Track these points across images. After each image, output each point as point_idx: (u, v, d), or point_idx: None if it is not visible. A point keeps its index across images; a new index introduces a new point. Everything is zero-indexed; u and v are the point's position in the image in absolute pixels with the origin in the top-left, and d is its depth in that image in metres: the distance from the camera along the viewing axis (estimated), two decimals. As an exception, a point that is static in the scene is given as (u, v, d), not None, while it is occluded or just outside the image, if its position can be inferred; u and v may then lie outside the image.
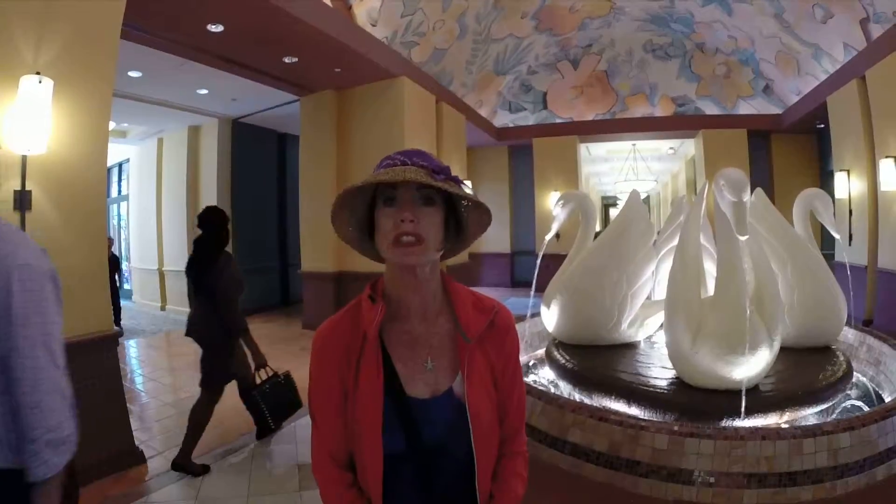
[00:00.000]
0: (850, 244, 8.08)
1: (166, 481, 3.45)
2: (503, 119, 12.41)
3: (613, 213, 27.59)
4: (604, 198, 26.88)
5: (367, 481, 1.09)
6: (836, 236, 4.73)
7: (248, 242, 9.43)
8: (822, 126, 9.31)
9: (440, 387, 1.14)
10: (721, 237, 3.21)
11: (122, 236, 12.44)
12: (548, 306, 4.35)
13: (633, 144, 13.73)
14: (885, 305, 7.16)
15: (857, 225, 7.96)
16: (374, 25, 7.02)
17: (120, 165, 11.82)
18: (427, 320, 1.18)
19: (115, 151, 9.79)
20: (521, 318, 5.13)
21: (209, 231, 3.64)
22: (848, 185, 8.10)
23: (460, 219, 1.18)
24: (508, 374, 1.21)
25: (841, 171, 8.26)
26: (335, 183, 7.88)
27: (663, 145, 14.07)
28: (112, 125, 8.03)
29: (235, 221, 9.23)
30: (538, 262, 4.84)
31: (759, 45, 9.64)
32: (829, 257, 9.00)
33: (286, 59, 6.36)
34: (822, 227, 10.23)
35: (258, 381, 3.88)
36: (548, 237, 4.61)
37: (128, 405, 3.82)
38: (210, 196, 9.20)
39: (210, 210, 3.71)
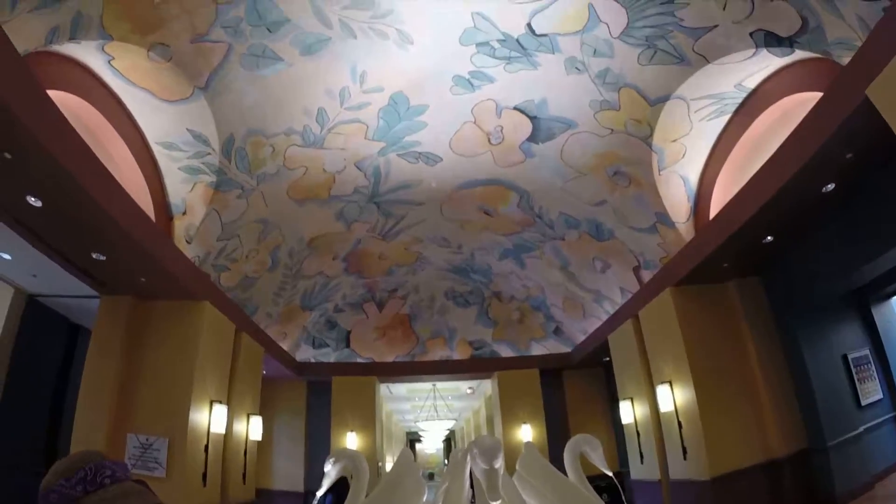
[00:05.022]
0: (641, 462, 8.86)
1: None
2: (306, 353, 12.15)
3: (419, 447, 27.69)
4: (408, 433, 27.28)
5: None
6: (609, 473, 5.03)
7: (10, 438, 7.53)
8: (608, 359, 10.45)
9: None
10: (479, 499, 3.31)
11: None
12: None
13: (434, 385, 14.10)
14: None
15: (646, 444, 8.78)
16: (189, 242, 6.83)
17: None
18: None
19: None
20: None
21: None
22: (632, 410, 9.06)
23: None
24: None
25: (625, 399, 9.26)
26: (116, 397, 6.88)
27: (462, 385, 14.64)
28: None
29: (3, 413, 7.41)
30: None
31: (548, 293, 10.96)
32: (626, 474, 9.63)
33: (94, 255, 5.86)
34: (619, 444, 11.04)
35: None
36: (319, 493, 4.37)
37: None
38: None
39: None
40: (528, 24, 5.61)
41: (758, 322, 7.79)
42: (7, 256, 6.33)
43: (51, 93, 4.36)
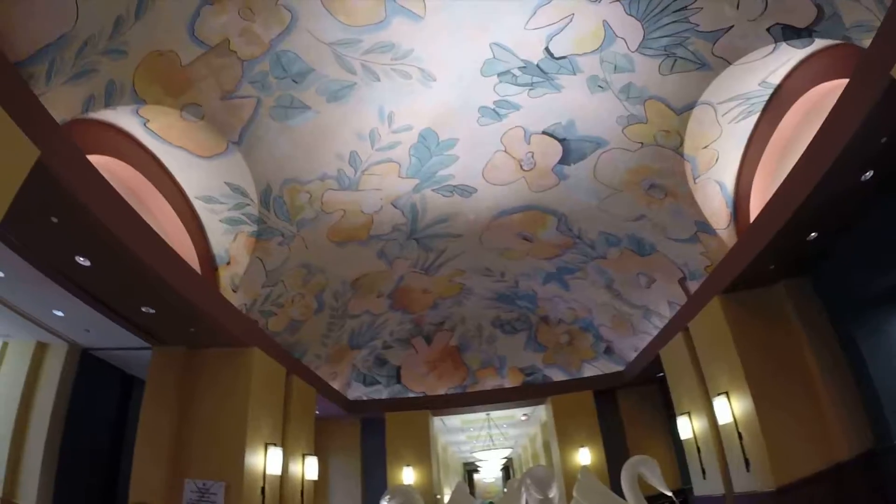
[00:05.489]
0: (704, 478, 8.49)
1: None
2: (357, 391, 12.14)
3: (477, 477, 27.55)
4: (465, 464, 26.94)
5: None
6: (668, 493, 4.86)
7: (69, 488, 7.72)
8: (662, 375, 10.12)
9: None
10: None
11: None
12: None
13: (487, 414, 13.90)
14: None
15: (707, 459, 8.39)
16: (235, 291, 6.93)
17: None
18: None
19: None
20: None
21: None
22: (691, 425, 8.70)
23: None
24: None
25: (682, 414, 8.90)
26: (172, 444, 7.00)
27: (516, 412, 14.38)
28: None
29: (62, 463, 7.68)
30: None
31: (596, 313, 10.71)
32: (689, 491, 9.21)
33: (144, 309, 6.04)
34: (679, 461, 10.43)
35: None
36: None
37: None
38: (41, 422, 7.74)
39: None
40: (546, 49, 5.58)
41: (811, 322, 7.37)
42: (60, 313, 6.55)
43: (91, 158, 4.52)
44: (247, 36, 5.00)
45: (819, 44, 4.87)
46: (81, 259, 4.90)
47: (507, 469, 28.60)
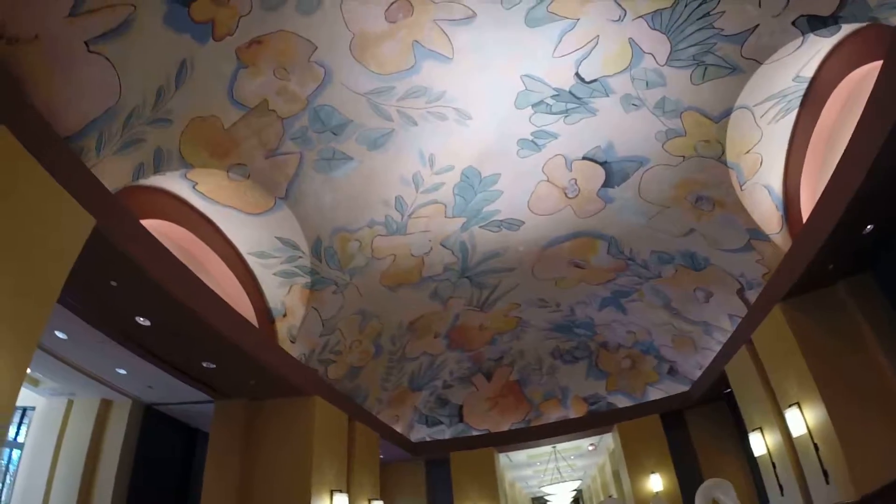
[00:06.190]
0: (782, 495, 7.88)
1: None
2: (420, 433, 11.96)
3: None
4: (534, 499, 26.30)
5: None
6: None
7: None
8: (729, 391, 9.59)
9: None
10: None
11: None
12: None
13: (554, 447, 13.48)
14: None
15: (783, 475, 7.81)
16: (293, 342, 6.96)
17: (24, 410, 10.14)
18: None
19: (23, 395, 8.49)
20: None
21: None
22: (763, 441, 8.13)
23: None
24: None
25: (753, 430, 8.34)
26: (238, 496, 6.97)
27: (583, 443, 13.89)
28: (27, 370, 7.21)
29: None
30: None
31: (655, 334, 10.29)
32: None
33: (204, 364, 6.14)
34: (755, 479, 9.63)
35: None
36: None
37: None
38: (107, 476, 7.86)
39: None
40: (577, 74, 5.49)
41: (876, 317, 6.75)
42: (123, 371, 6.70)
43: (145, 222, 4.63)
44: (284, 95, 5.10)
45: (847, 29, 4.63)
46: (141, 319, 5.01)
47: (577, 501, 27.67)
